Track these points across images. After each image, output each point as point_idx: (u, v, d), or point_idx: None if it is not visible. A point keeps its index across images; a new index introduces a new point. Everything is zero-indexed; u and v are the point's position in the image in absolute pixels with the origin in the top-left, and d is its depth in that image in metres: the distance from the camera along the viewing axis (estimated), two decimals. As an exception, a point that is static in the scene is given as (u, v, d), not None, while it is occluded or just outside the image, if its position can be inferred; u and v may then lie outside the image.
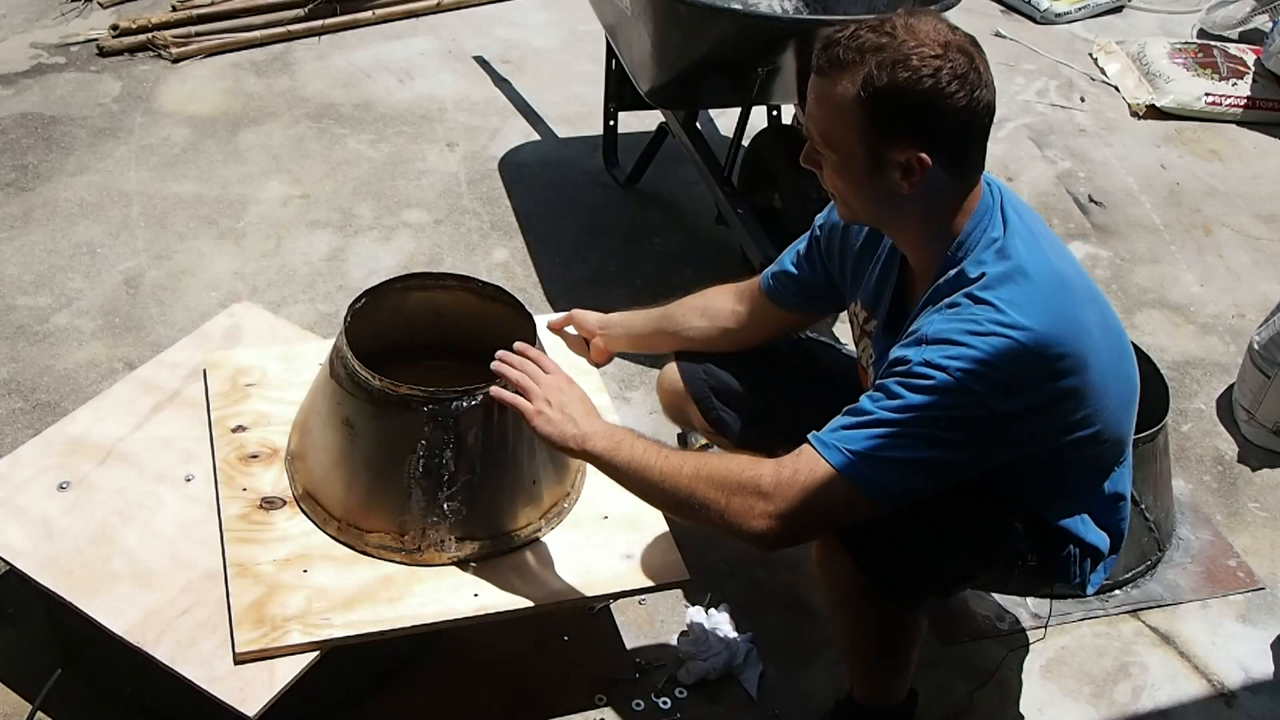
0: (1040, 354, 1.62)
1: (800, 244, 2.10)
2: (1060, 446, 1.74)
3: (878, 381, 1.68)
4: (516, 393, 1.86)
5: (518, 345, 1.94)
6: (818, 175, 1.75)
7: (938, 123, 1.62)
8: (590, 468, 2.13)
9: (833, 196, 1.78)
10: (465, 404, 1.89)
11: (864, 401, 1.67)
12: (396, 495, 1.92)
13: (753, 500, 1.66)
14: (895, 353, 1.68)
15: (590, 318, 2.35)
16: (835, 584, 1.81)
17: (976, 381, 1.60)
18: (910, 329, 1.71)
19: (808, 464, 1.66)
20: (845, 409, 1.69)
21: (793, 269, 2.09)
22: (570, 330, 2.39)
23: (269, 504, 2.01)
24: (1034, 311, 1.62)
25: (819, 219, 2.04)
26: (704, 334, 2.22)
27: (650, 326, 2.29)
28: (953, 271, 1.69)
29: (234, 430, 2.13)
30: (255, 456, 2.09)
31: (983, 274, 1.66)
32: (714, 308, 2.22)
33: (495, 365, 1.89)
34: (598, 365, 2.37)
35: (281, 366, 2.28)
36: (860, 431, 1.64)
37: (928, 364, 1.62)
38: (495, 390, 1.87)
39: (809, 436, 1.68)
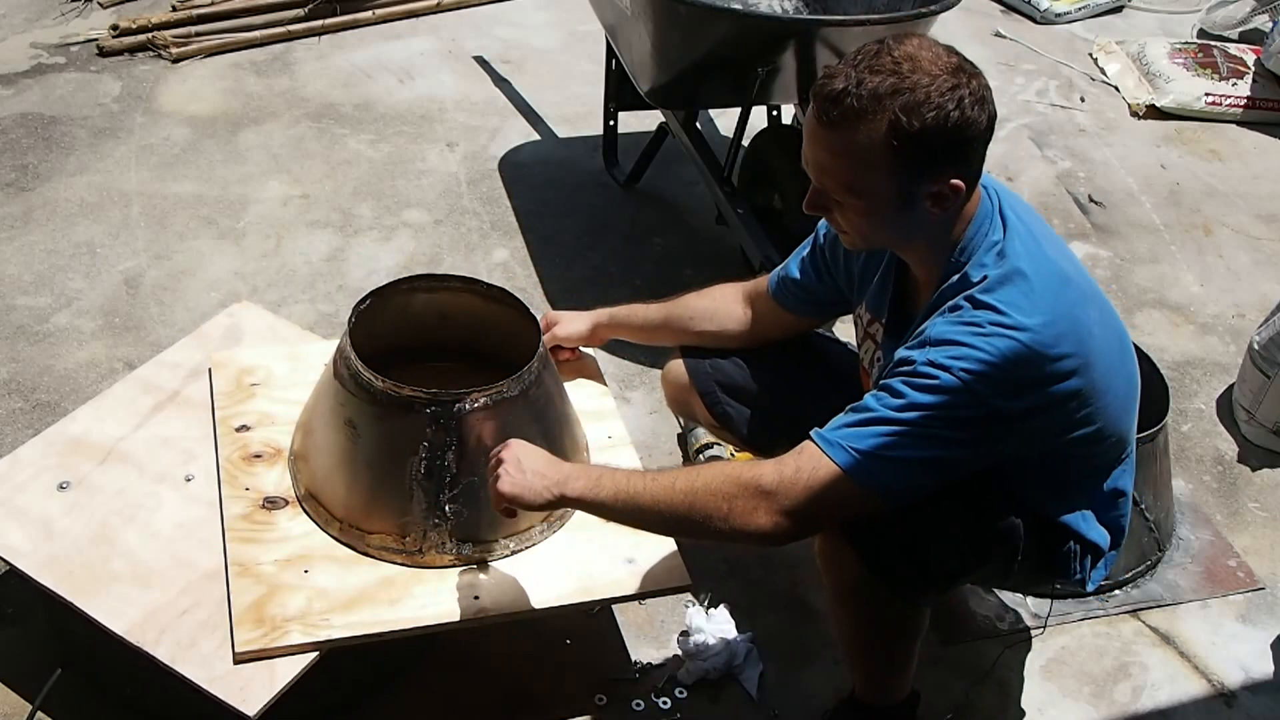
0: (1042, 354, 1.63)
1: (804, 249, 2.09)
2: (1062, 444, 1.75)
3: (882, 381, 1.69)
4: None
5: None
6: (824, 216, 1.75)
7: (968, 149, 1.64)
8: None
9: (842, 232, 1.77)
10: (468, 406, 1.89)
11: (868, 400, 1.68)
12: (398, 497, 1.92)
13: (755, 500, 1.66)
14: (900, 354, 1.69)
15: (577, 329, 2.30)
16: (838, 578, 1.82)
17: (980, 382, 1.61)
18: (916, 333, 1.72)
19: (810, 461, 1.66)
20: (849, 407, 1.70)
21: (798, 275, 2.10)
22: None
23: (271, 504, 2.01)
24: (1035, 312, 1.63)
25: (821, 226, 2.03)
26: (713, 337, 2.22)
27: (652, 328, 2.28)
28: (956, 276, 1.71)
29: (238, 430, 2.13)
30: (259, 456, 2.09)
31: (984, 277, 1.67)
32: (723, 313, 2.21)
33: None
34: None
35: (287, 366, 2.28)
36: (864, 429, 1.65)
37: (932, 364, 1.63)
38: None
39: (811, 433, 1.69)
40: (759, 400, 2.19)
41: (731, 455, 2.54)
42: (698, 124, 3.31)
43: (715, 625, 2.21)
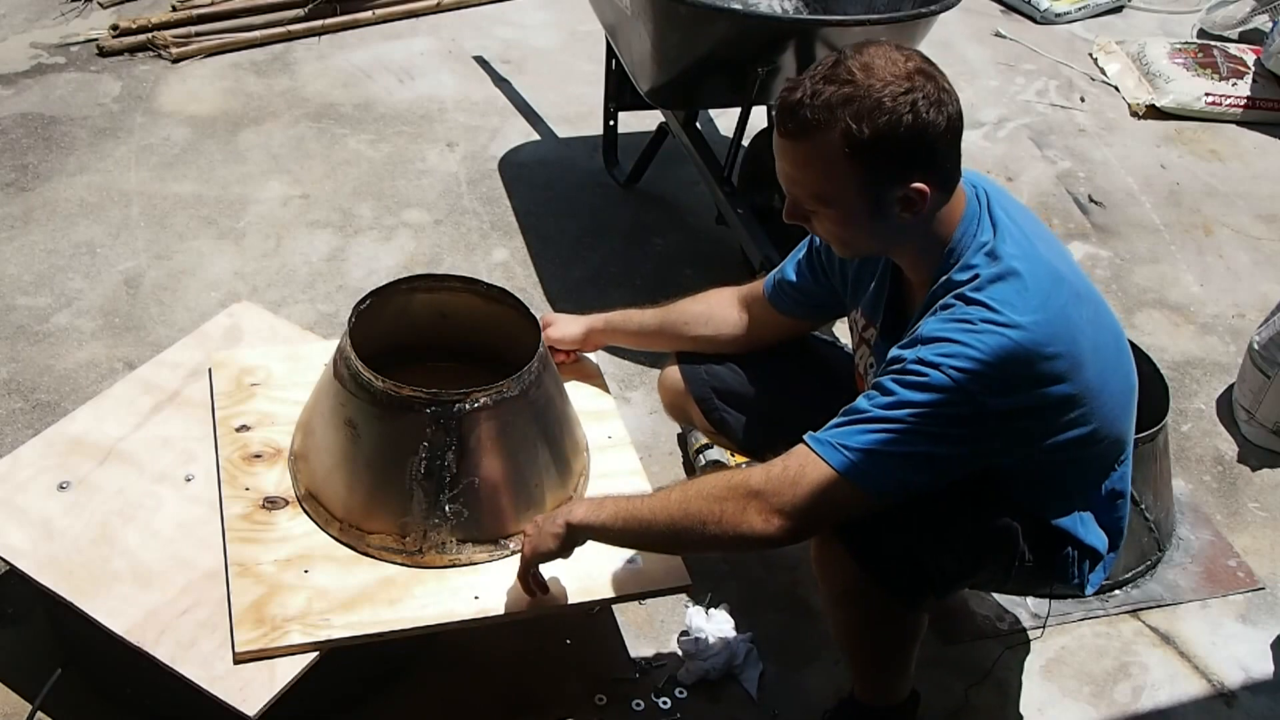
0: (1034, 351, 1.63)
1: (800, 252, 2.10)
2: (1057, 446, 1.74)
3: (874, 380, 1.69)
4: None
5: None
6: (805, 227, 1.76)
7: (928, 152, 1.63)
8: (593, 473, 2.14)
9: (827, 240, 1.78)
10: (468, 406, 1.89)
11: (860, 401, 1.68)
12: (398, 497, 1.92)
13: (745, 501, 1.67)
14: (892, 353, 1.69)
15: (571, 332, 2.31)
16: (834, 581, 1.82)
17: (970, 379, 1.61)
18: (909, 334, 1.72)
19: (799, 460, 1.66)
20: (841, 410, 1.70)
21: (794, 278, 2.10)
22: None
23: (271, 504, 2.01)
24: (1027, 309, 1.63)
25: None
26: (709, 341, 2.22)
27: (647, 333, 2.28)
28: (945, 277, 1.71)
29: (238, 430, 2.13)
30: (259, 456, 2.09)
31: (975, 275, 1.67)
32: (718, 317, 2.21)
33: None
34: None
35: (287, 366, 2.28)
36: (854, 428, 1.65)
37: (922, 362, 1.63)
38: None
39: (804, 436, 1.69)
40: (755, 406, 2.18)
41: (731, 456, 2.54)
42: (698, 124, 3.31)
43: (715, 625, 2.21)
